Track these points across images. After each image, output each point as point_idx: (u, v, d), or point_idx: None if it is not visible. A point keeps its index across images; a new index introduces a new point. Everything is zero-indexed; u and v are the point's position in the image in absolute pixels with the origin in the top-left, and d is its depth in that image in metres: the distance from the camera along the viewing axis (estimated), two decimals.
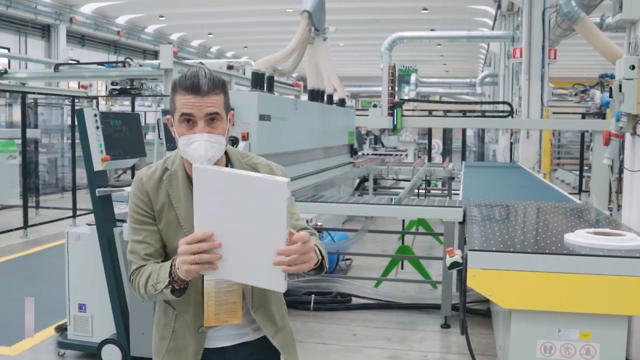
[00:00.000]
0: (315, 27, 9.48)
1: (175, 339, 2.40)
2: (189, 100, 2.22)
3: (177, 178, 2.37)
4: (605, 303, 3.77)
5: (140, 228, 2.36)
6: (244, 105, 6.81)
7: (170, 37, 32.46)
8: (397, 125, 13.88)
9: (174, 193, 2.36)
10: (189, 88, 2.22)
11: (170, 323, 2.41)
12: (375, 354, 5.45)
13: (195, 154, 2.21)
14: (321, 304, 6.64)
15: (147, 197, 2.37)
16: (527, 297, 3.83)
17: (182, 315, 2.38)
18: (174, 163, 2.40)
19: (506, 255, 3.87)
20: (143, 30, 30.56)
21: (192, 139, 2.23)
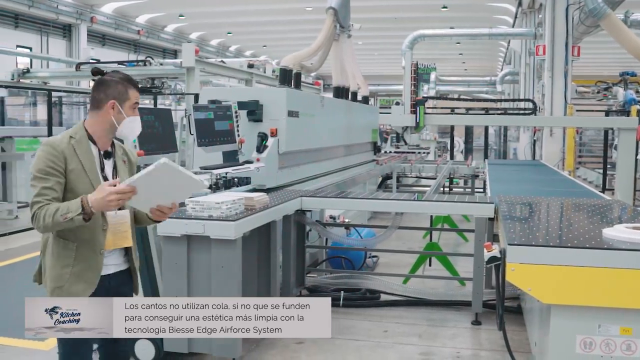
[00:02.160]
0: (340, 24, 9.46)
1: (79, 264, 3.22)
2: (137, 94, 3.35)
3: (82, 144, 3.25)
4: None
5: (50, 178, 3.12)
6: (273, 101, 6.82)
7: (189, 36, 32.58)
8: (419, 123, 13.87)
9: (82, 155, 3.23)
10: (136, 86, 3.36)
11: (71, 254, 3.21)
12: (407, 350, 5.42)
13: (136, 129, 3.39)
14: (350, 300, 6.62)
15: (62, 156, 3.16)
16: (567, 292, 3.80)
17: (84, 245, 3.22)
18: (76, 134, 3.27)
19: (546, 250, 3.84)
20: (163, 29, 30.70)
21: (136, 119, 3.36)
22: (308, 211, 6.61)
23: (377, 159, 12.24)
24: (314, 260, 7.69)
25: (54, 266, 3.22)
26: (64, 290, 3.22)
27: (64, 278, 3.21)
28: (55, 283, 3.22)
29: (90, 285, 3.26)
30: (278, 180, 6.82)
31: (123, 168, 3.43)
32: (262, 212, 5.26)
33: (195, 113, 5.86)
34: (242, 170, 6.08)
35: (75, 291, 3.22)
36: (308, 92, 9.36)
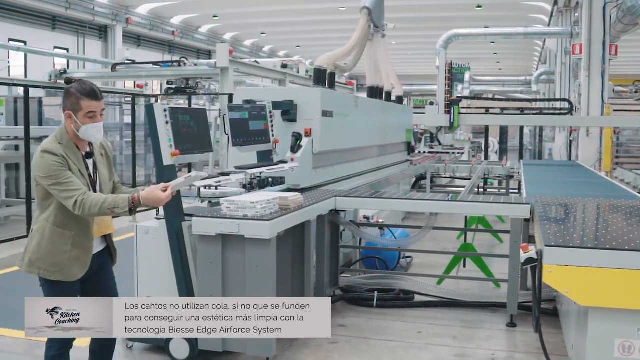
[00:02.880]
0: (374, 24, 9.43)
1: (76, 249, 3.75)
2: (92, 104, 3.72)
3: (71, 148, 3.74)
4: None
5: (69, 174, 3.64)
6: (307, 101, 6.83)
7: (223, 37, 32.79)
8: (454, 123, 13.79)
9: (72, 157, 3.72)
10: (92, 96, 3.73)
11: (68, 241, 3.73)
12: (442, 351, 5.39)
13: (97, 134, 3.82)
14: (384, 301, 6.60)
15: (63, 159, 3.65)
16: (605, 294, 3.75)
17: (80, 233, 3.76)
18: (62, 139, 3.74)
19: (584, 251, 3.79)
20: (197, 30, 30.97)
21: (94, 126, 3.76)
22: (342, 211, 6.61)
23: (411, 159, 12.19)
24: (347, 260, 7.68)
25: (52, 252, 3.72)
26: (63, 273, 3.73)
27: (62, 262, 3.72)
28: (54, 267, 3.72)
29: (84, 266, 3.81)
30: (312, 180, 6.82)
31: (101, 161, 3.97)
32: (296, 212, 5.27)
33: (230, 113, 5.89)
34: (276, 170, 6.10)
35: (73, 272, 3.77)
36: (342, 92, 9.34)
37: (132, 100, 15.02)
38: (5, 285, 7.56)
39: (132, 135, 14.13)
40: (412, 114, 12.61)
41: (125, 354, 5.35)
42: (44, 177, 3.64)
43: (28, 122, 9.34)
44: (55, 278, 3.72)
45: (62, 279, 3.74)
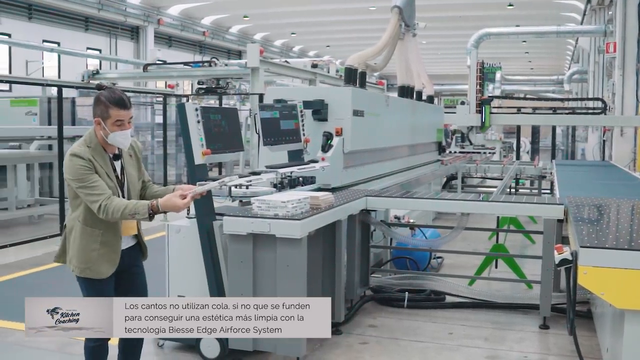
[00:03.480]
0: (405, 23, 9.38)
1: (104, 247, 3.84)
2: (121, 113, 3.80)
3: (99, 152, 3.86)
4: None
5: (95, 177, 3.75)
6: (338, 100, 6.81)
7: (253, 37, 32.89)
8: (485, 123, 13.67)
9: (100, 160, 3.84)
10: (121, 105, 3.81)
11: (97, 239, 3.83)
12: (473, 353, 5.34)
13: (125, 142, 3.91)
14: (415, 302, 6.56)
15: (91, 162, 3.77)
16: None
17: (108, 232, 3.85)
18: (91, 142, 3.86)
19: (620, 253, 3.73)
20: (227, 30, 31.11)
21: (122, 133, 3.85)
22: (372, 211, 6.58)
23: (442, 159, 12.11)
24: (378, 260, 7.65)
25: (82, 249, 3.82)
26: (92, 270, 3.83)
27: (92, 259, 3.82)
28: (84, 264, 3.82)
29: (113, 264, 3.90)
30: (343, 180, 6.81)
31: (130, 162, 4.07)
32: (327, 211, 5.26)
33: (261, 112, 5.89)
34: (307, 170, 6.09)
35: (102, 270, 3.86)
36: (373, 92, 9.30)
37: (163, 100, 15.11)
38: (39, 283, 7.65)
39: (164, 135, 14.23)
40: (443, 113, 12.52)
41: (156, 352, 5.38)
42: (72, 179, 3.76)
43: (61, 122, 9.44)
44: (86, 275, 3.84)
45: (92, 276, 3.84)
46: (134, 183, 4.06)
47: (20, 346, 5.50)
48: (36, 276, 7.95)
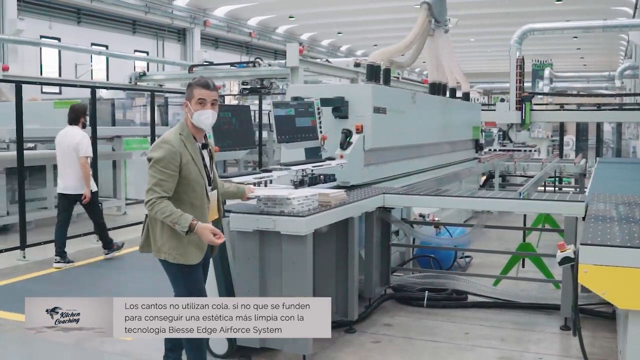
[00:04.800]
0: (435, 19, 9.25)
1: (193, 234, 3.89)
2: (203, 91, 4.02)
3: (190, 141, 4.04)
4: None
5: (169, 173, 3.89)
6: (359, 97, 6.76)
7: (300, 37, 32.99)
8: (525, 120, 13.39)
9: (191, 148, 4.02)
10: (202, 85, 4.05)
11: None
12: (486, 353, 5.21)
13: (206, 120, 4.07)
14: (435, 301, 6.45)
15: (178, 153, 3.93)
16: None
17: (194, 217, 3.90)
18: (183, 131, 4.05)
19: (622, 251, 3.59)
20: (274, 31, 31.28)
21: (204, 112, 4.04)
22: (393, 208, 6.50)
23: (479, 156, 11.91)
24: (403, 259, 7.56)
25: (172, 236, 3.97)
26: (184, 256, 3.99)
27: (182, 246, 3.98)
28: (176, 250, 3.99)
29: (201, 249, 4.07)
30: (364, 178, 6.75)
31: (212, 157, 4.29)
32: (337, 208, 5.21)
33: (276, 110, 5.88)
34: (322, 167, 6.05)
35: (192, 256, 4.02)
36: (397, 88, 9.19)
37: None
38: (69, 279, 7.80)
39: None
40: (480, 111, 12.30)
41: None
42: (156, 160, 3.91)
43: (95, 123, 9.61)
44: (177, 261, 3.99)
45: (184, 262, 3.99)
46: (216, 175, 4.31)
47: (39, 340, 5.60)
48: (66, 273, 8.11)
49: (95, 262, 8.71)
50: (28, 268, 8.35)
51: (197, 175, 4.04)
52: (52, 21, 21.10)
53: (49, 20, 21.00)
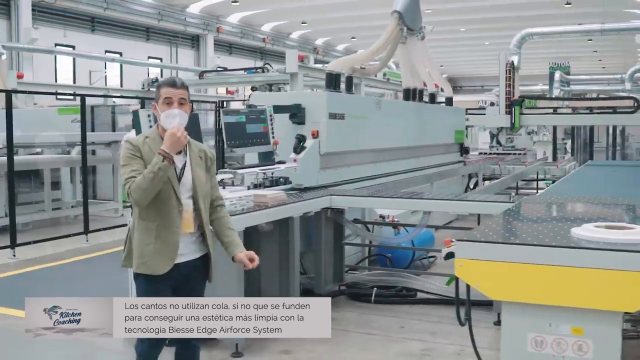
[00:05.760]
0: (407, 27, 9.54)
1: (159, 242, 3.71)
2: (168, 90, 3.76)
3: (156, 142, 3.74)
4: (598, 298, 3.65)
5: (133, 162, 3.68)
6: (314, 104, 7.12)
7: (315, 42, 33.36)
8: (515, 124, 13.59)
9: (155, 149, 3.65)
10: (168, 84, 3.80)
11: (152, 233, 3.71)
12: (411, 345, 5.53)
13: (173, 120, 3.72)
14: (382, 297, 6.77)
15: (137, 147, 3.73)
16: (516, 289, 3.81)
17: (162, 225, 3.70)
18: (151, 134, 3.84)
19: (492, 246, 3.87)
20: (288, 36, 31.69)
21: (170, 112, 3.74)
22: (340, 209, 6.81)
23: (464, 159, 12.17)
24: (363, 258, 7.91)
25: (139, 244, 3.74)
26: (148, 265, 3.71)
27: (147, 254, 3.71)
28: (140, 259, 3.73)
29: (169, 261, 3.72)
30: (320, 180, 7.08)
31: (199, 163, 3.89)
32: (274, 208, 5.56)
33: (225, 117, 6.27)
34: (270, 170, 6.41)
35: (157, 266, 3.71)
36: (358, 95, 9.52)
37: (215, 106, 15.64)
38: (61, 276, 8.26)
39: (215, 139, 14.74)
40: (464, 115, 12.55)
41: None
42: (121, 165, 3.75)
43: (84, 128, 10.12)
44: (142, 271, 3.73)
45: (148, 272, 3.71)
46: (202, 183, 3.85)
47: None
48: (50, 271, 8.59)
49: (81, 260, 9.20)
50: (17, 265, 8.85)
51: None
52: (67, 29, 21.78)
53: (63, 28, 21.67)
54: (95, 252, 9.65)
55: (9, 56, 18.90)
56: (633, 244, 3.72)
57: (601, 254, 3.65)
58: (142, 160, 3.68)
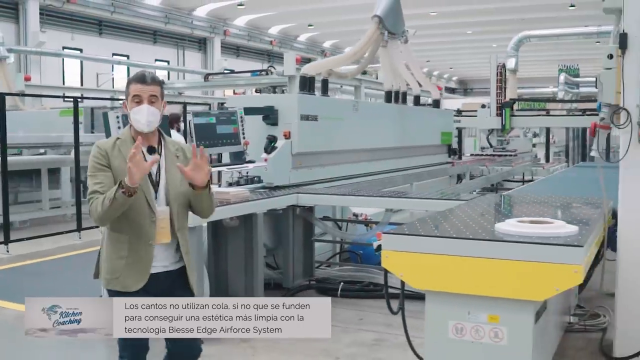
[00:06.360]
0: (388, 31, 9.79)
1: (132, 256, 3.47)
2: (137, 87, 3.50)
3: (127, 143, 3.50)
4: (511, 288, 3.90)
5: (98, 174, 3.44)
6: (286, 106, 7.43)
7: (322, 45, 33.66)
8: (505, 126, 13.80)
9: (126, 152, 3.37)
10: (138, 80, 3.53)
11: (124, 246, 3.48)
12: (365, 336, 5.79)
13: (141, 119, 3.48)
14: (348, 292, 7.04)
15: (105, 153, 3.48)
16: (436, 279, 4.07)
17: (134, 237, 3.47)
18: (123, 135, 3.59)
19: (414, 238, 4.14)
20: (295, 39, 32.01)
21: (139, 109, 3.48)
22: (305, 207, 7.08)
23: (452, 161, 12.39)
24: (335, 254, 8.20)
25: (109, 258, 3.52)
26: (119, 281, 3.49)
27: (118, 269, 3.48)
28: (111, 274, 3.50)
29: (142, 276, 3.49)
30: (293, 179, 7.38)
31: (174, 162, 3.58)
32: (236, 204, 5.86)
33: (195, 118, 6.59)
34: (239, 168, 6.71)
35: (129, 283, 3.48)
36: (332, 98, 9.81)
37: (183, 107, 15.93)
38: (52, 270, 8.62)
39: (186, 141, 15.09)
40: (452, 117, 12.78)
41: None
42: (87, 174, 3.51)
43: (77, 129, 10.46)
44: (112, 287, 3.52)
45: (120, 288, 3.50)
46: (176, 185, 3.57)
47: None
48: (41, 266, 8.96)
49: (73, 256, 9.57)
50: (9, 260, 9.23)
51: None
52: (74, 33, 22.26)
53: (71, 32, 22.15)
54: (87, 248, 9.97)
55: (17, 59, 19.38)
56: (544, 237, 3.97)
57: (514, 246, 3.90)
58: (109, 168, 3.46)
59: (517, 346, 3.93)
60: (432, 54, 37.55)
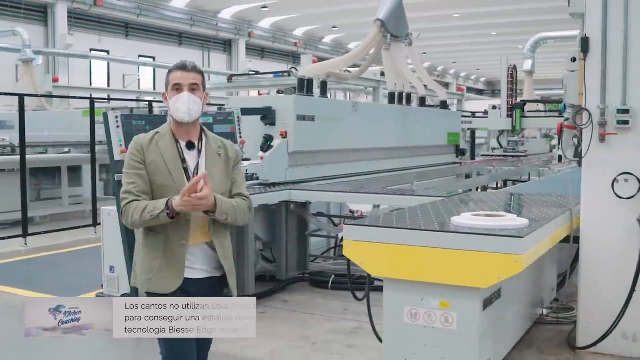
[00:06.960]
0: (391, 34, 10.08)
1: (166, 256, 3.39)
2: (177, 75, 3.41)
3: (166, 138, 3.44)
4: (460, 276, 4.21)
5: (133, 173, 3.39)
6: (283, 107, 7.78)
7: (347, 46, 33.96)
8: (516, 127, 14.00)
9: (164, 147, 3.41)
10: (179, 68, 3.44)
11: (159, 246, 3.40)
12: (345, 324, 6.08)
13: (181, 107, 3.37)
14: (338, 284, 7.37)
15: (141, 148, 3.41)
16: (392, 267, 4.41)
17: (170, 237, 3.38)
18: (162, 129, 3.49)
19: (372, 229, 4.47)
20: (320, 40, 32.37)
21: (178, 98, 3.38)
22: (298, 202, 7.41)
23: (460, 161, 12.61)
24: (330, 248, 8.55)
25: (144, 258, 3.44)
26: (152, 283, 3.42)
27: (153, 270, 3.40)
28: (146, 275, 3.42)
29: (176, 277, 3.41)
30: (289, 177, 7.72)
31: (216, 160, 3.50)
32: None
33: None
34: None
35: (164, 283, 3.40)
36: (334, 99, 10.13)
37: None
38: None
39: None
40: (460, 118, 13.00)
41: None
42: (123, 169, 3.48)
43: (94, 129, 10.95)
44: (147, 289, 3.45)
45: (153, 290, 3.42)
46: (215, 184, 3.36)
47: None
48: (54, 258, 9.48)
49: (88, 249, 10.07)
50: (27, 252, 9.77)
51: (167, 181, 3.37)
52: (101, 35, 22.93)
53: (98, 34, 22.83)
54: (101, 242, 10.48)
55: (46, 61, 20.07)
56: (491, 229, 4.28)
57: (461, 237, 4.23)
58: (143, 166, 3.38)
59: (466, 331, 4.25)
60: (458, 55, 37.66)
